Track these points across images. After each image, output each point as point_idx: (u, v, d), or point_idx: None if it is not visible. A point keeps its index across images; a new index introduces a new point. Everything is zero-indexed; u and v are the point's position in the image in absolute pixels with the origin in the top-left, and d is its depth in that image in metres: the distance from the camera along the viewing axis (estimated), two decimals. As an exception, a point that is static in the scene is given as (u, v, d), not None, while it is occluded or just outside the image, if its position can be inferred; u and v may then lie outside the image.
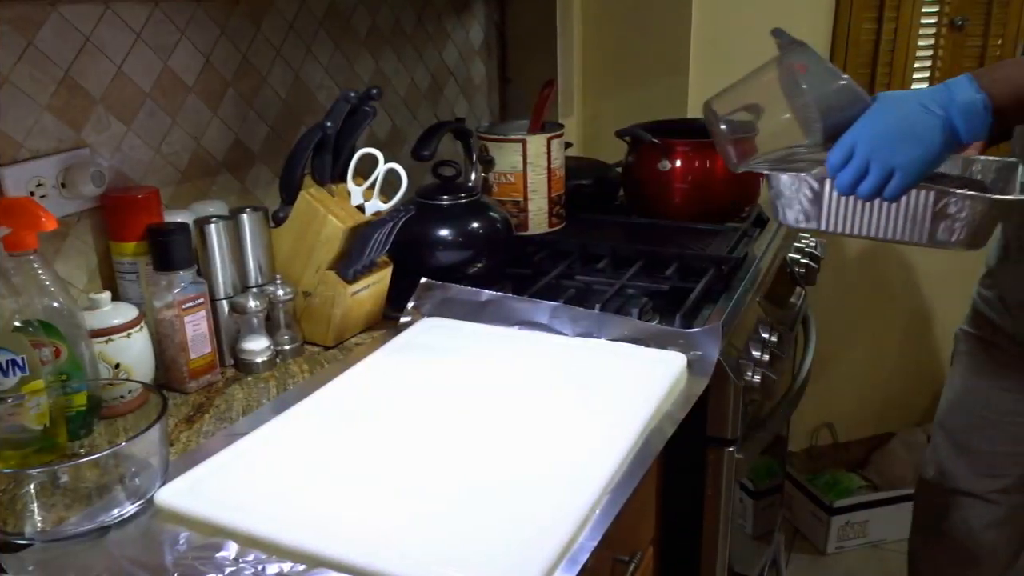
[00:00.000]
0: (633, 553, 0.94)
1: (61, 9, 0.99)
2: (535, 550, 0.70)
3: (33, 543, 0.75)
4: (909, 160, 0.90)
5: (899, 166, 0.91)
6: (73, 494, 0.81)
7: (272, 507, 0.78)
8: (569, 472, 0.82)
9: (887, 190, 0.92)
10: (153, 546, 0.75)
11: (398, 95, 1.60)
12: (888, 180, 0.91)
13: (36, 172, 0.99)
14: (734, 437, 1.12)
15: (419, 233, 1.26)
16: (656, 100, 2.01)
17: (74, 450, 0.90)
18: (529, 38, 1.90)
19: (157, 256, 1.00)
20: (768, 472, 1.68)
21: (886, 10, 1.97)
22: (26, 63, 0.97)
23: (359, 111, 1.18)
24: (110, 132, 1.07)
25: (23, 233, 0.86)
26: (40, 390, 0.85)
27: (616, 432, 0.88)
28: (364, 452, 0.87)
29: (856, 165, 0.92)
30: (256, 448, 0.88)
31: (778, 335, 1.25)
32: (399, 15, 1.57)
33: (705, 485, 1.14)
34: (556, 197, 1.51)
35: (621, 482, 0.81)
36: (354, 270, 1.13)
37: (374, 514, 0.77)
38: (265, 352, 1.09)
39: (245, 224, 1.10)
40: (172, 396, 1.02)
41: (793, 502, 2.22)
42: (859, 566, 2.11)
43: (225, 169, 1.25)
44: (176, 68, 1.15)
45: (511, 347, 1.10)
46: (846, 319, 2.18)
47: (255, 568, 0.71)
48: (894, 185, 0.91)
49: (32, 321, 0.86)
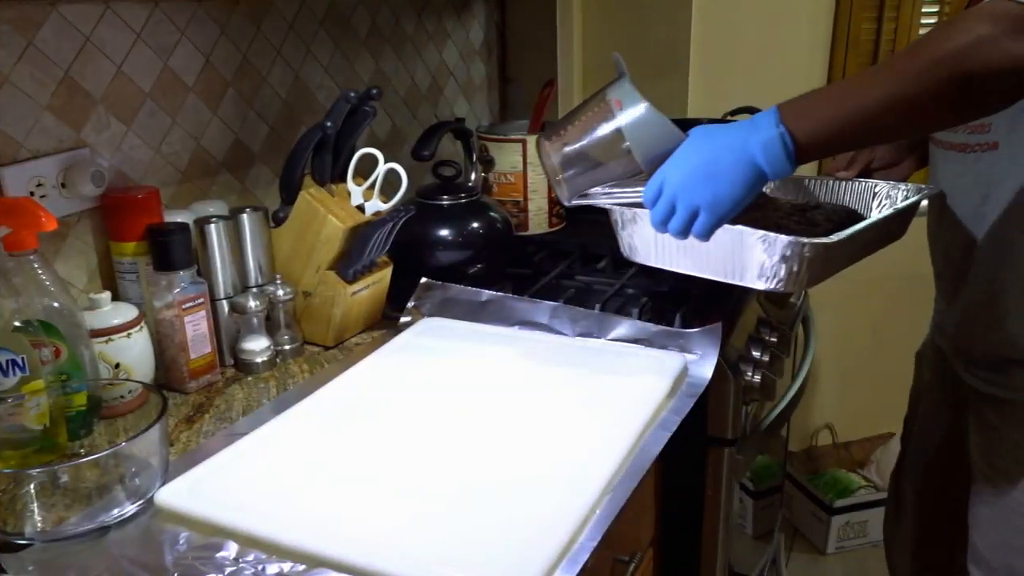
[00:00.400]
0: (633, 553, 0.94)
1: (61, 9, 0.99)
2: (535, 550, 0.70)
3: (33, 543, 0.75)
4: (713, 199, 0.87)
5: (703, 205, 0.88)
6: (73, 494, 0.81)
7: (272, 507, 0.78)
8: (569, 472, 0.82)
9: (694, 229, 0.89)
10: (153, 546, 0.75)
11: (398, 95, 1.60)
12: (694, 219, 0.89)
13: (36, 172, 0.99)
14: (734, 437, 1.12)
15: (419, 233, 1.26)
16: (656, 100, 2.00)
17: (74, 450, 0.90)
18: (529, 38, 1.90)
19: (157, 256, 1.00)
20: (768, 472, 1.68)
21: (886, 10, 1.97)
22: (26, 63, 0.97)
23: (359, 111, 1.18)
24: (110, 132, 1.07)
25: (23, 233, 0.86)
26: (40, 390, 0.85)
27: (616, 432, 0.88)
28: (364, 452, 0.87)
29: (663, 203, 0.90)
30: (256, 448, 0.88)
31: (778, 335, 1.25)
32: (399, 15, 1.57)
33: (705, 485, 1.14)
34: (556, 197, 1.51)
35: (621, 482, 0.81)
36: (354, 270, 1.13)
37: (374, 514, 0.77)
38: (265, 352, 1.09)
39: (245, 224, 1.10)
40: (172, 396, 1.02)
41: (793, 502, 2.22)
42: (859, 566, 2.11)
43: (225, 169, 1.25)
44: (176, 68, 1.15)
45: (511, 347, 1.10)
46: (846, 319, 2.18)
47: (255, 568, 0.71)
48: (699, 224, 0.89)
49: (32, 321, 0.86)
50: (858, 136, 0.87)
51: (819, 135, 0.84)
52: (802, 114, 0.85)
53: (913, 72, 0.79)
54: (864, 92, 0.82)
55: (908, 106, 0.81)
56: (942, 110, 0.81)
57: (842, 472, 2.24)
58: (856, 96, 0.83)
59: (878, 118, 0.82)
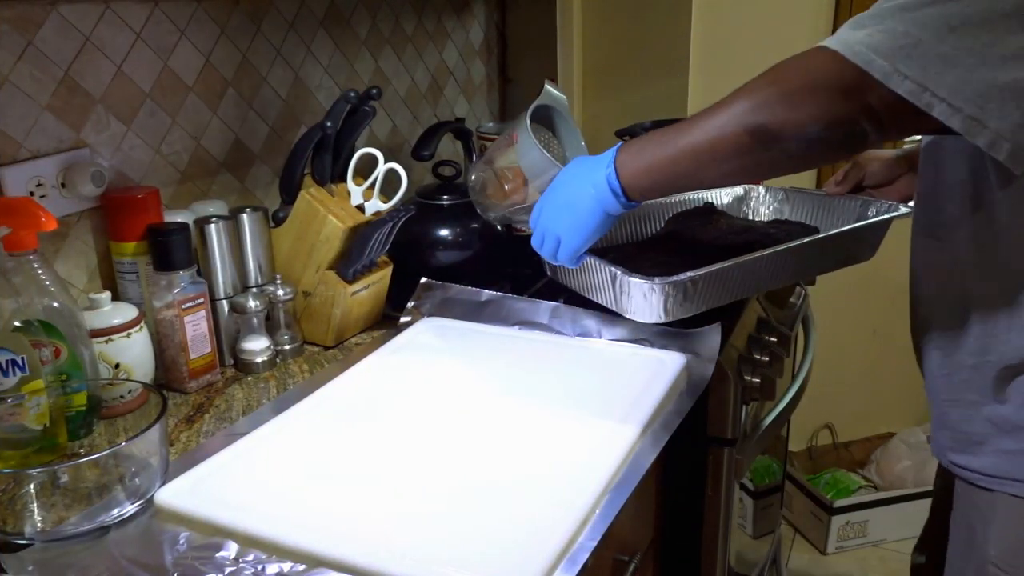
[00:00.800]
0: (633, 553, 0.93)
1: (61, 9, 0.99)
2: (535, 550, 0.70)
3: (33, 543, 0.75)
4: (568, 228, 0.92)
5: (561, 234, 0.93)
6: (73, 494, 0.81)
7: (272, 507, 0.78)
8: (569, 472, 0.82)
9: (559, 256, 0.95)
10: (153, 546, 0.75)
11: (398, 95, 1.60)
12: (559, 245, 0.94)
13: (36, 172, 0.99)
14: (734, 437, 1.11)
15: (419, 233, 1.26)
16: (656, 100, 2.01)
17: (74, 450, 0.90)
18: (529, 38, 1.90)
19: (157, 256, 1.00)
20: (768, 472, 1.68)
21: (886, 10, 1.97)
22: (26, 63, 0.97)
23: (359, 111, 1.18)
24: (110, 132, 1.07)
25: (23, 233, 0.86)
26: (40, 390, 0.85)
27: (616, 432, 0.88)
28: (364, 452, 0.87)
29: (537, 230, 0.96)
30: (256, 448, 0.88)
31: (778, 335, 1.25)
32: (399, 15, 1.57)
33: (705, 485, 1.14)
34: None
35: (621, 482, 0.81)
36: (354, 270, 1.13)
37: (374, 514, 0.76)
38: (265, 352, 1.09)
39: (245, 224, 1.10)
40: (172, 396, 1.02)
41: (793, 502, 2.22)
42: (859, 566, 2.11)
43: (225, 169, 1.25)
44: (176, 68, 1.15)
45: (511, 347, 1.10)
46: (846, 319, 2.18)
47: (255, 568, 0.71)
48: (562, 251, 0.94)
49: (32, 321, 0.86)
50: (683, 178, 0.85)
51: (643, 177, 0.85)
52: (633, 154, 0.86)
53: (720, 120, 0.78)
54: (685, 134, 0.81)
55: (713, 155, 0.79)
56: (745, 164, 0.79)
57: (842, 472, 2.24)
58: (679, 138, 0.82)
59: (694, 161, 0.81)
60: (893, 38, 0.68)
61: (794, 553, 2.17)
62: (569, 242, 0.93)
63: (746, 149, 0.77)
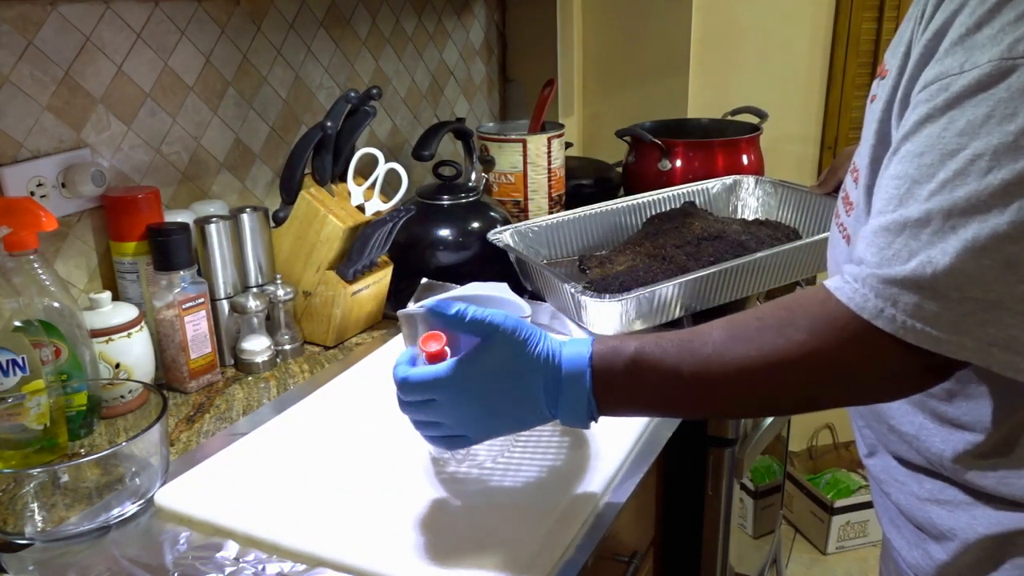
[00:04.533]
0: (633, 553, 0.93)
1: (61, 9, 0.99)
2: (535, 550, 0.70)
3: (33, 543, 0.75)
4: (482, 431, 0.72)
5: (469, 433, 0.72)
6: (73, 494, 0.81)
7: (272, 507, 0.78)
8: (569, 472, 0.82)
9: (446, 445, 0.74)
10: (153, 546, 0.75)
11: (398, 95, 1.60)
12: (451, 439, 0.73)
13: (36, 172, 0.99)
14: (734, 437, 1.12)
15: (419, 233, 1.26)
16: (656, 100, 2.01)
17: (74, 450, 0.90)
18: (529, 38, 1.90)
19: (157, 256, 1.00)
20: (768, 472, 1.68)
21: (886, 10, 1.97)
22: (26, 63, 0.97)
23: (359, 111, 1.18)
24: (110, 132, 1.07)
25: (23, 233, 0.86)
26: (40, 390, 0.85)
27: (616, 432, 0.88)
28: (364, 452, 0.87)
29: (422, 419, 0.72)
30: (256, 448, 0.88)
31: (778, 335, 1.25)
32: (399, 15, 1.57)
33: (705, 485, 1.14)
34: (556, 197, 1.51)
35: (621, 482, 0.81)
36: (354, 270, 1.13)
37: (374, 514, 0.77)
38: (265, 352, 1.09)
39: (245, 224, 1.10)
40: (172, 396, 1.02)
41: (793, 502, 2.22)
42: (859, 566, 2.11)
43: (225, 169, 1.25)
44: (176, 68, 1.15)
45: (511, 347, 1.10)
46: (846, 319, 2.17)
47: (255, 568, 0.71)
48: (454, 443, 0.73)
49: (32, 321, 0.86)
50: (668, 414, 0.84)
51: (626, 411, 0.71)
52: (620, 395, 0.68)
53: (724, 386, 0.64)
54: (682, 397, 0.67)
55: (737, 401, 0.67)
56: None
57: (842, 472, 2.24)
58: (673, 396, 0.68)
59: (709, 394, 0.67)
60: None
61: (794, 553, 2.17)
62: (472, 440, 0.73)
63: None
